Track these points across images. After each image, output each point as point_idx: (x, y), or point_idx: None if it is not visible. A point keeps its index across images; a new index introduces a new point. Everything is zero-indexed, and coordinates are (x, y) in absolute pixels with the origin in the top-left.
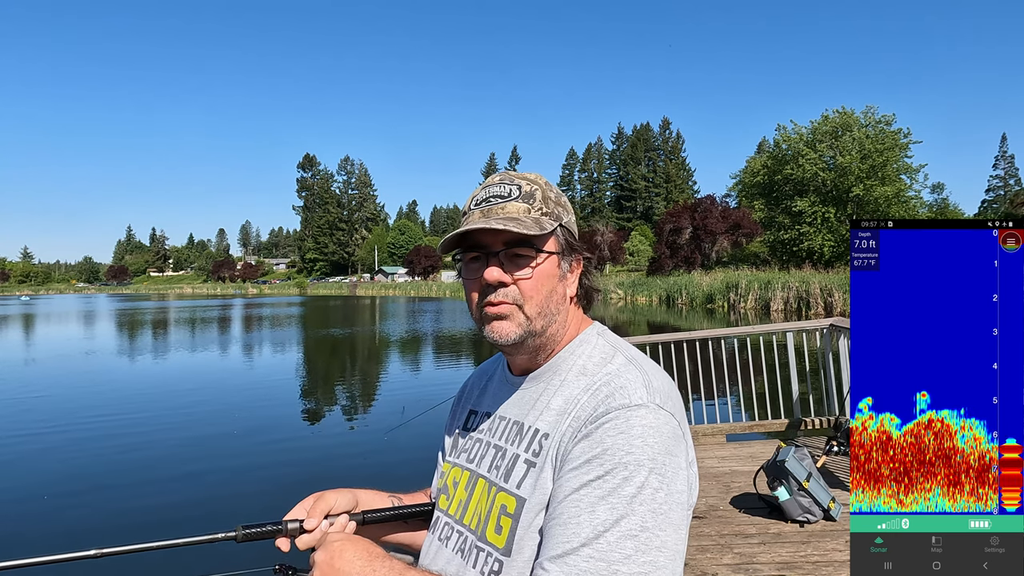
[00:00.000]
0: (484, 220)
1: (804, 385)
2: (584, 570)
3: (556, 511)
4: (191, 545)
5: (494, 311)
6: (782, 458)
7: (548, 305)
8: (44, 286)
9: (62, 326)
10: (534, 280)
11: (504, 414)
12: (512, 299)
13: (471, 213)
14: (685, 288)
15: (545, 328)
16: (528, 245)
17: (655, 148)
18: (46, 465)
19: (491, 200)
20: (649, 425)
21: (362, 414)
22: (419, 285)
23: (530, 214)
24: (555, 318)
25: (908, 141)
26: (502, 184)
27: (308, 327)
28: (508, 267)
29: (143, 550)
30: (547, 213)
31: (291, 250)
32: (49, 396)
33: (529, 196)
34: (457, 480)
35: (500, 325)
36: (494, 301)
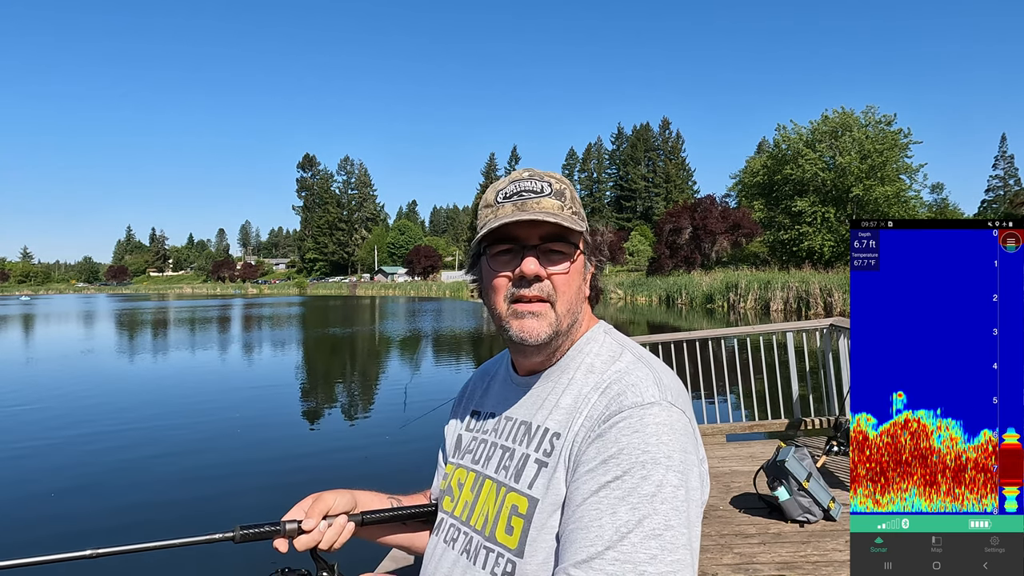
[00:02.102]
0: (522, 213)
1: (804, 385)
2: (611, 574)
3: (576, 514)
4: (189, 545)
5: (527, 308)
6: (782, 458)
7: (576, 303)
8: (44, 286)
9: (62, 326)
10: (569, 276)
11: (511, 414)
12: (547, 294)
13: (500, 206)
14: (685, 288)
15: (569, 327)
16: (565, 241)
17: (655, 148)
18: (44, 465)
19: (523, 194)
20: (663, 423)
21: (362, 415)
22: (419, 285)
23: (564, 211)
24: (577, 317)
25: (908, 141)
26: (532, 180)
27: (308, 327)
28: (542, 262)
29: (141, 550)
30: (576, 213)
31: (291, 250)
32: (48, 396)
33: (560, 194)
34: (462, 481)
35: (531, 324)
36: (528, 296)
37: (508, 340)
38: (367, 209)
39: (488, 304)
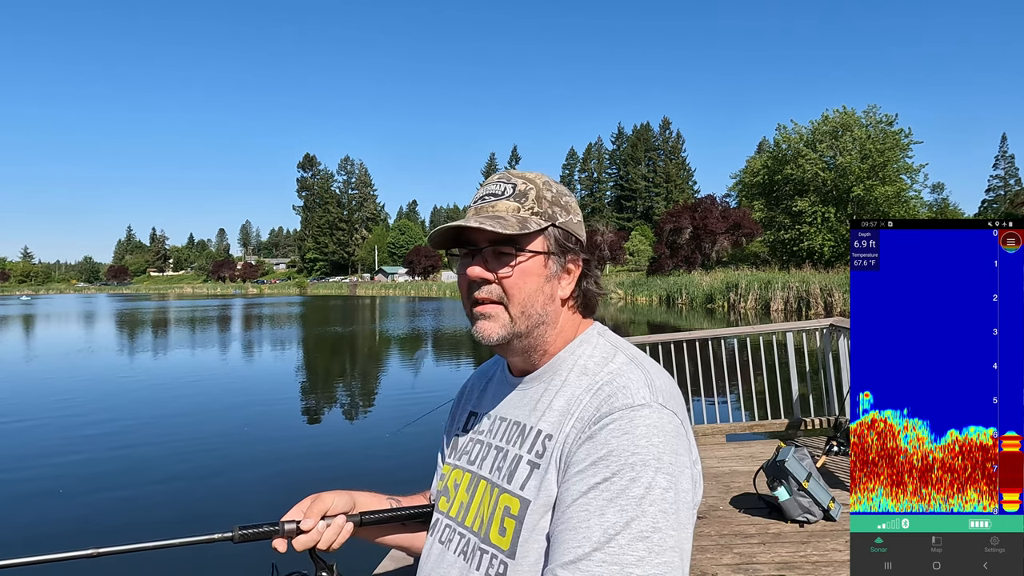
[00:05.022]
0: (474, 218)
1: (804, 385)
2: (597, 575)
3: (564, 516)
4: (188, 545)
5: (480, 310)
6: (782, 458)
7: (533, 305)
8: (44, 286)
9: (63, 326)
10: (514, 278)
11: (505, 415)
12: (496, 296)
13: (467, 210)
14: (685, 288)
15: (531, 329)
16: (510, 244)
17: (655, 148)
18: (44, 464)
19: (485, 198)
20: (653, 425)
21: (362, 415)
22: (419, 285)
23: (518, 213)
24: (543, 319)
25: (909, 141)
26: (499, 183)
27: (308, 327)
28: (492, 264)
29: (139, 550)
30: (538, 213)
31: (291, 250)
32: (49, 396)
33: (522, 195)
34: (458, 482)
35: (485, 325)
36: (479, 297)
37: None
38: (367, 209)
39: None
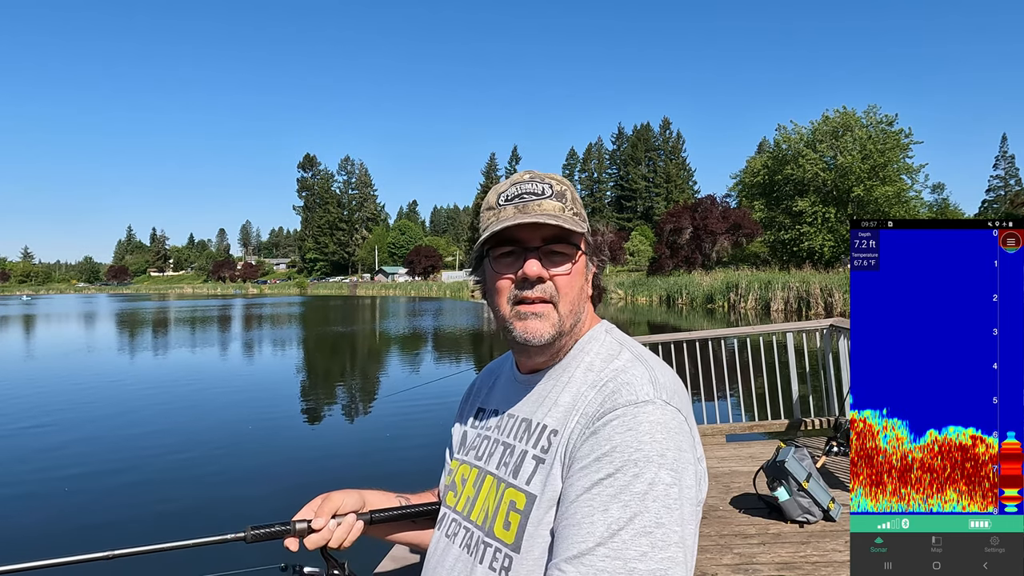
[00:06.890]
0: (523, 216)
1: (804, 385)
2: (601, 569)
3: (569, 511)
4: (200, 546)
5: (530, 309)
6: (782, 458)
7: (578, 304)
8: (44, 286)
9: (64, 326)
10: (571, 277)
11: (512, 411)
12: (549, 295)
13: (502, 208)
14: (685, 288)
15: (572, 327)
16: (566, 242)
17: (655, 148)
18: (49, 465)
19: (524, 197)
20: (656, 421)
21: (369, 415)
22: (419, 285)
23: (564, 213)
24: (580, 316)
25: (909, 141)
26: (533, 182)
27: (309, 327)
28: (545, 263)
29: (152, 552)
30: (577, 214)
31: (291, 250)
32: (49, 397)
33: (561, 196)
34: (465, 477)
35: (535, 325)
36: (531, 297)
37: (511, 341)
38: (367, 209)
39: (492, 305)
